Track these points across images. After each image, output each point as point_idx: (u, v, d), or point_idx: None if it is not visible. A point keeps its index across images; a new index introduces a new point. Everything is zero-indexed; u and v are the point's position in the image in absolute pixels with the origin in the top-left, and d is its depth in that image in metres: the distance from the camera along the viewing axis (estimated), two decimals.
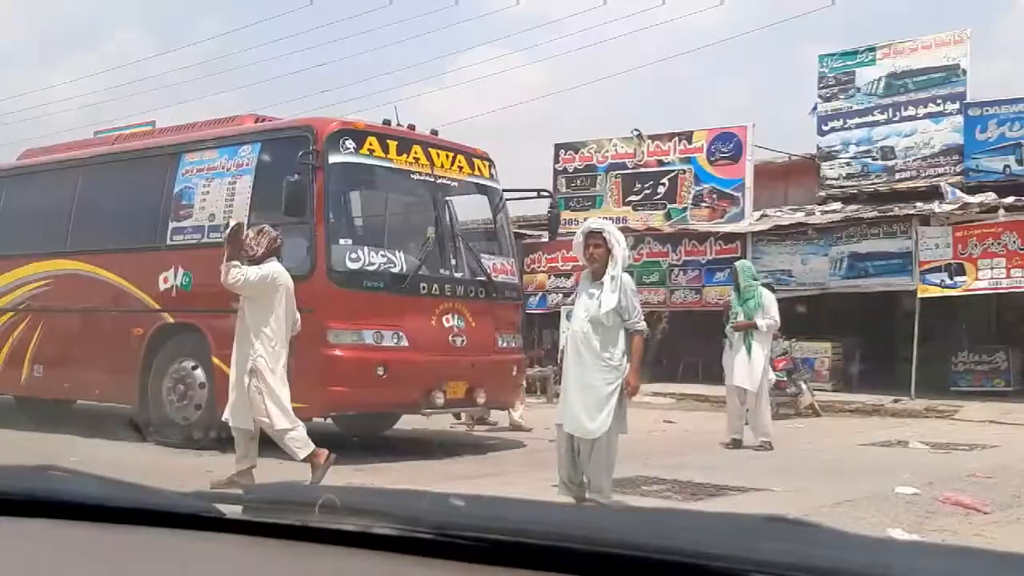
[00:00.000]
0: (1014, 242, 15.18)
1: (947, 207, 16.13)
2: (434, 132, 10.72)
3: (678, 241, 18.42)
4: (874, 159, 18.32)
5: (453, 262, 10.07)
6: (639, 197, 19.50)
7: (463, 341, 10.04)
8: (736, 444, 10.71)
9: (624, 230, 10.48)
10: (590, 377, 6.91)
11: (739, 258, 15.08)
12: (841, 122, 18.78)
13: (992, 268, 15.40)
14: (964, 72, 17.62)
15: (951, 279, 15.67)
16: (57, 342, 11.54)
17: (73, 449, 9.25)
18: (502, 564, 1.36)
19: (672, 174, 19.11)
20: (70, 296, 11.61)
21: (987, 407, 14.76)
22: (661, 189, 16.47)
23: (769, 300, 10.99)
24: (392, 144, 9.94)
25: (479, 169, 10.85)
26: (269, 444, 7.74)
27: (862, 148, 18.48)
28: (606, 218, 11.12)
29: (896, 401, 15.46)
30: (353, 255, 9.41)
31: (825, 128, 18.96)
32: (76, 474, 1.85)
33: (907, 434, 11.59)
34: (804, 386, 15.08)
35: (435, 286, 9.89)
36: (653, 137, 19.62)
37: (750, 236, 17.75)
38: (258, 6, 53.33)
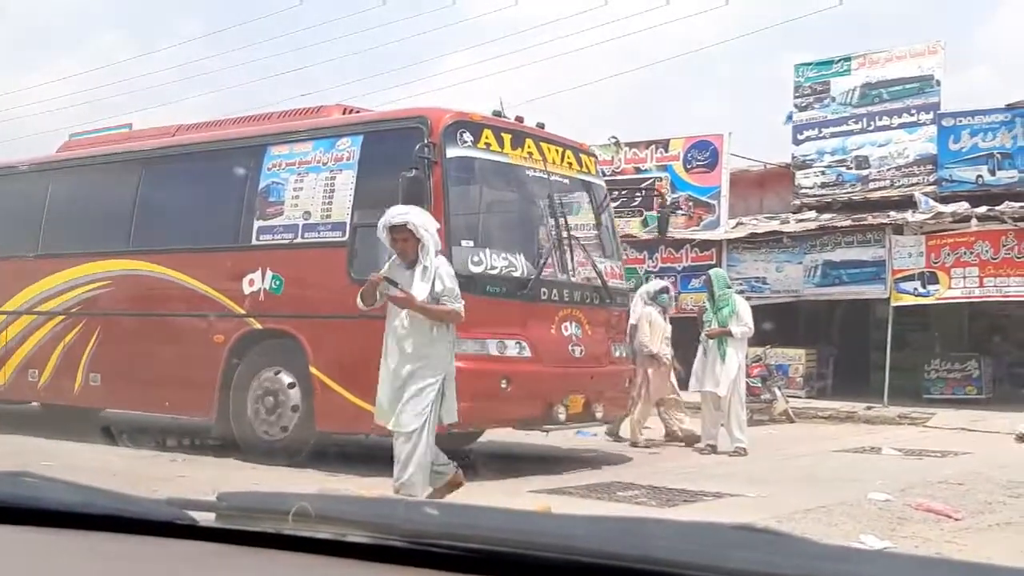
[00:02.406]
0: (987, 251, 15.32)
1: (920, 216, 16.26)
2: (540, 125, 9.93)
3: (655, 248, 18.47)
4: (848, 168, 18.43)
5: (570, 265, 9.43)
6: (616, 204, 19.52)
7: (582, 351, 9.39)
8: (712, 450, 10.76)
9: None
10: (408, 370, 6.69)
11: (714, 265, 15.17)
12: (816, 131, 18.88)
13: (965, 277, 15.55)
14: (938, 83, 17.76)
15: (924, 288, 15.81)
16: (119, 349, 10.60)
17: (43, 453, 8.95)
18: (476, 572, 1.36)
19: (649, 181, 19.17)
20: (133, 300, 10.73)
21: (959, 414, 14.88)
22: (638, 197, 16.46)
23: (743, 308, 11.10)
24: (507, 137, 9.26)
25: (586, 165, 10.23)
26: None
27: (837, 157, 18.59)
28: None
29: (869, 408, 15.55)
30: (475, 258, 8.68)
31: (800, 137, 19.06)
32: (48, 480, 1.83)
33: (880, 441, 11.67)
34: (778, 393, 15.15)
35: (554, 291, 9.26)
36: (630, 144, 19.68)
37: (725, 243, 17.86)
38: (235, 8, 53.04)
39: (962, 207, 16.14)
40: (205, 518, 1.62)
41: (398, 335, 6.79)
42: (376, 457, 8.33)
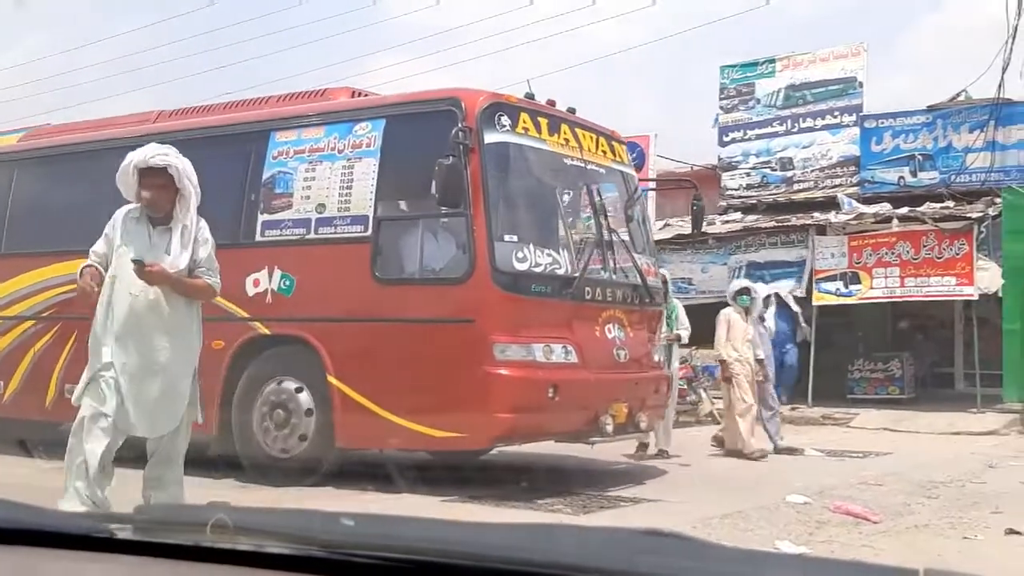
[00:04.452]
0: (908, 252, 15.47)
1: (843, 217, 16.39)
2: (571, 110, 9.04)
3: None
4: (773, 170, 18.55)
5: (611, 262, 8.66)
6: None
7: (625, 355, 8.64)
8: (643, 448, 10.55)
9: None
10: (165, 358, 5.57)
11: None
12: (741, 133, 18.97)
13: (887, 277, 15.68)
14: (861, 85, 17.98)
15: (847, 288, 15.92)
16: None
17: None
18: None
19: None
20: None
21: (882, 414, 14.99)
22: None
23: (681, 310, 11.24)
24: (543, 122, 8.43)
25: (618, 154, 9.41)
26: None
27: (762, 159, 18.71)
28: None
29: (793, 408, 15.59)
30: (519, 254, 7.84)
31: (726, 139, 19.14)
32: None
33: (803, 441, 11.65)
34: (704, 394, 15.11)
35: (598, 291, 8.47)
36: None
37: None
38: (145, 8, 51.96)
39: (884, 208, 16.32)
40: (122, 531, 1.60)
41: (137, 312, 5.55)
42: (425, 477, 7.87)
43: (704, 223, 11.38)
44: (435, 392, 7.74)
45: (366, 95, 9.59)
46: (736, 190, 18.91)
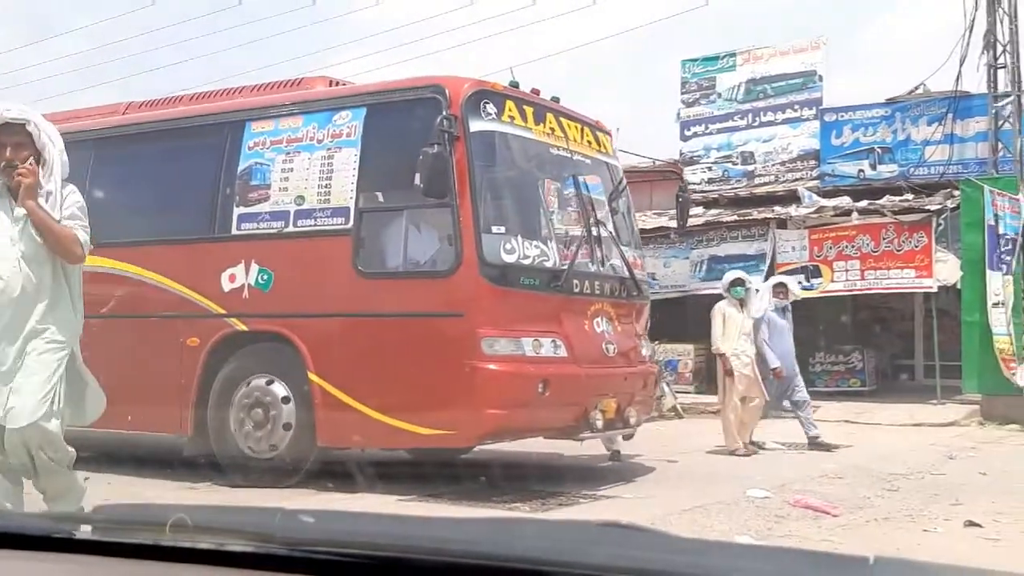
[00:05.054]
0: (868, 244, 15.54)
1: (803, 211, 16.43)
2: (555, 99, 8.81)
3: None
4: (734, 164, 18.58)
5: (599, 254, 8.50)
6: None
7: (614, 349, 8.45)
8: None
9: None
10: (29, 327, 4.83)
11: None
12: (703, 127, 18.98)
13: (847, 270, 15.75)
14: (820, 78, 18.04)
15: (808, 281, 15.95)
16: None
17: None
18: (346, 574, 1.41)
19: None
20: (86, 300, 9.15)
21: (843, 407, 15.04)
22: None
23: None
24: (529, 111, 8.23)
25: (604, 144, 9.22)
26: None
27: (723, 153, 18.72)
28: None
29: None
30: (508, 246, 7.63)
31: (688, 133, 19.14)
32: None
33: (764, 435, 11.63)
34: (667, 388, 15.08)
35: (586, 283, 8.31)
36: None
37: None
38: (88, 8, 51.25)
39: (844, 201, 16.38)
40: (82, 532, 1.60)
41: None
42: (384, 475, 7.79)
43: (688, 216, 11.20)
44: (421, 388, 7.57)
45: (343, 85, 9.39)
46: (698, 184, 18.90)
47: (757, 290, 11.53)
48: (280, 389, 8.12)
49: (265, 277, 8.30)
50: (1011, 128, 15.55)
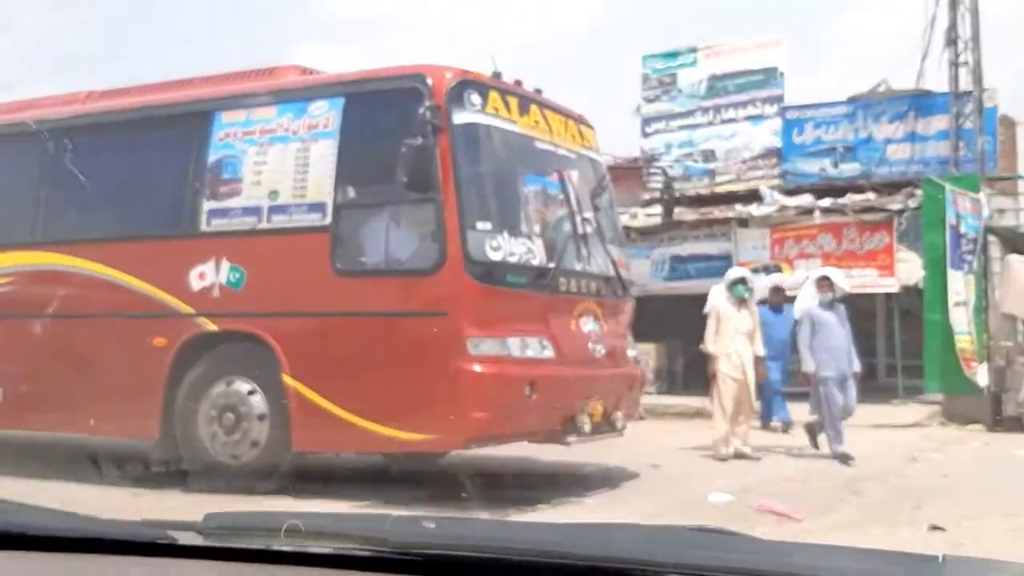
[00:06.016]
0: (829, 243, 15.49)
1: (765, 210, 16.34)
2: (538, 91, 8.50)
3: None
4: (695, 162, 18.42)
5: (585, 252, 8.20)
6: None
7: (601, 350, 8.21)
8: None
9: None
10: None
11: None
12: (664, 124, 18.81)
13: (808, 269, 15.59)
14: (782, 75, 17.92)
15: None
16: (27, 359, 8.73)
17: None
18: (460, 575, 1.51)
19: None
20: (43, 299, 8.80)
21: (804, 407, 14.84)
22: None
23: None
24: (514, 102, 7.91)
25: (588, 139, 8.93)
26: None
27: (684, 151, 18.56)
28: None
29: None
30: (493, 243, 7.32)
31: (648, 130, 18.96)
32: (26, 506, 1.90)
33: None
34: None
35: (572, 282, 8.03)
36: None
37: None
38: None
39: (806, 199, 16.27)
40: (188, 538, 1.66)
41: None
42: (356, 479, 7.53)
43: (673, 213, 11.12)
44: (402, 391, 7.26)
45: (317, 73, 9.00)
46: (657, 183, 18.74)
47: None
48: (252, 392, 7.79)
49: (237, 275, 7.94)
50: (972, 127, 15.47)
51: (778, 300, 12.92)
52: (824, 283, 10.58)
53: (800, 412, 11.70)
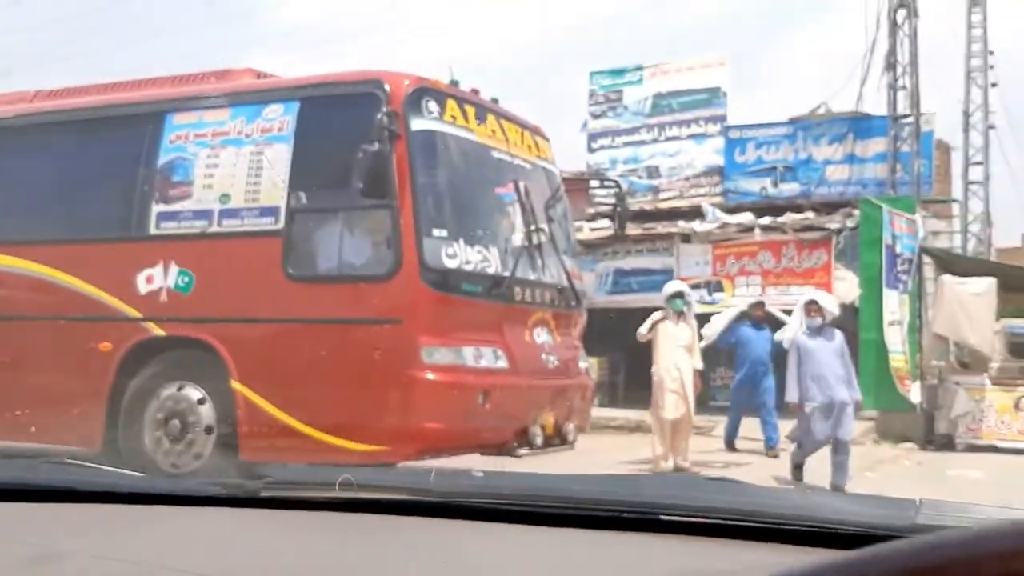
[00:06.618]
0: (769, 260, 15.73)
1: (707, 226, 16.53)
2: (494, 100, 8.49)
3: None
4: (640, 178, 18.59)
5: (540, 262, 8.15)
6: None
7: (554, 361, 8.18)
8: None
9: None
10: None
11: None
12: (610, 140, 18.98)
13: (748, 285, 15.89)
14: (725, 95, 18.16)
15: (710, 295, 16.05)
16: None
17: None
18: (499, 520, 1.62)
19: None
20: None
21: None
22: None
23: None
24: (471, 111, 7.91)
25: (542, 149, 8.93)
26: None
27: (629, 167, 18.72)
28: None
29: None
30: (450, 250, 7.29)
31: (594, 146, 19.11)
32: (86, 467, 2.14)
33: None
34: None
35: (527, 291, 7.97)
36: None
37: None
38: None
39: (746, 217, 16.49)
40: (255, 489, 1.81)
41: None
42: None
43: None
44: (354, 400, 7.15)
45: (270, 78, 8.94)
46: (604, 197, 18.86)
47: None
48: (199, 399, 7.65)
49: (186, 279, 7.80)
50: (909, 150, 15.83)
51: (760, 316, 12.85)
52: (812, 307, 9.92)
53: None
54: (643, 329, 10.83)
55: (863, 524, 1.48)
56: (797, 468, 9.94)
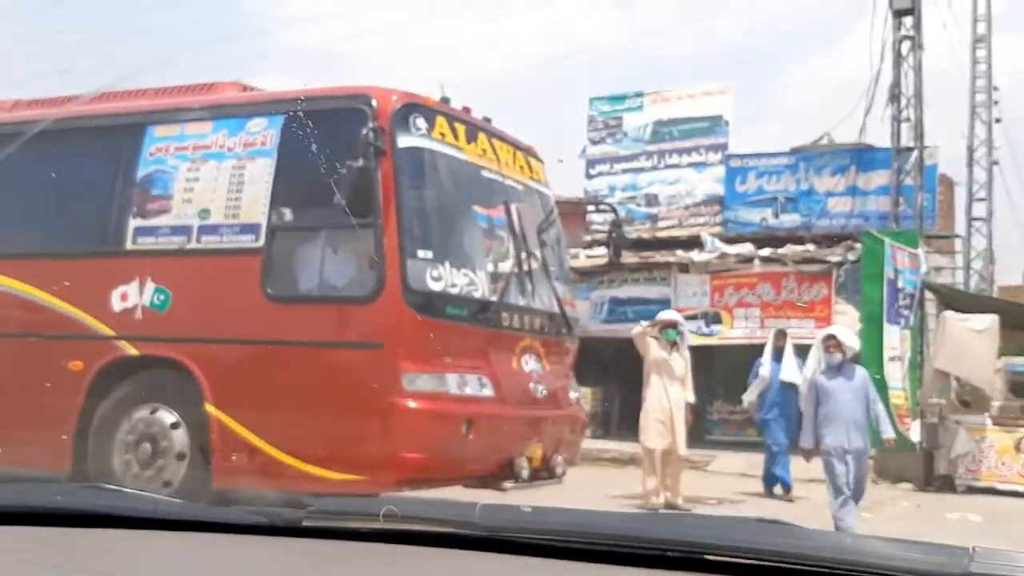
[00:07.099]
0: (768, 292, 15.46)
1: (706, 256, 16.27)
2: (487, 119, 8.29)
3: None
4: (638, 205, 18.37)
5: (529, 287, 7.90)
6: None
7: (543, 390, 7.89)
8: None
9: None
10: None
11: None
12: (608, 166, 18.77)
13: (747, 318, 15.63)
14: (727, 123, 17.96)
15: (708, 327, 15.77)
16: None
17: None
18: (544, 556, 1.66)
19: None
20: None
21: (739, 458, 14.78)
22: None
23: None
24: (461, 129, 7.66)
25: (536, 171, 8.68)
26: None
27: (628, 194, 18.49)
28: None
29: None
30: (435, 272, 7.05)
31: (593, 172, 18.91)
32: (124, 492, 2.16)
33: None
34: None
35: (515, 317, 7.71)
36: None
37: None
38: None
39: (746, 248, 16.24)
40: (306, 519, 1.79)
41: None
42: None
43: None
44: (332, 427, 6.89)
45: (256, 91, 8.70)
46: (601, 224, 18.61)
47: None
48: (173, 423, 7.36)
49: (162, 297, 7.54)
50: (912, 183, 15.57)
51: (780, 345, 12.59)
52: (831, 343, 8.83)
53: None
54: (636, 328, 10.52)
55: (915, 571, 1.49)
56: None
